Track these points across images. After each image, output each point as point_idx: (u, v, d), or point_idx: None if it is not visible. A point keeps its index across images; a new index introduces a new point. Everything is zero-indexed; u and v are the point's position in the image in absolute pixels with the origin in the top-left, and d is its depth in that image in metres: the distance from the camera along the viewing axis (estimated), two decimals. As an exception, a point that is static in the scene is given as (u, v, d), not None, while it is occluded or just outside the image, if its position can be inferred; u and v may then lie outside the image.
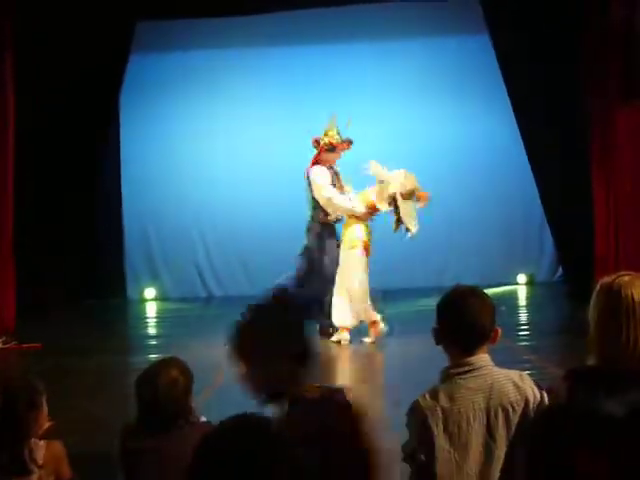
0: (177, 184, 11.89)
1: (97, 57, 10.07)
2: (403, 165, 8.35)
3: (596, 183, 9.61)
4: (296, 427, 2.30)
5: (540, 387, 2.73)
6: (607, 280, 2.60)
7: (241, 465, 1.63)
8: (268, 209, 11.65)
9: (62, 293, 10.88)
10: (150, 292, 12.14)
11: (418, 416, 2.67)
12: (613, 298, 2.53)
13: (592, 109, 9.54)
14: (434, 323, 2.82)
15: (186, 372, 3.13)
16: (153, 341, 9.22)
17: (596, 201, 9.59)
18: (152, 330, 10.33)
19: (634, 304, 2.52)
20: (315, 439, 2.24)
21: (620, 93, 9.12)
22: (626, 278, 2.58)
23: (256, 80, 11.88)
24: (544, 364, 6.84)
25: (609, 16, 9.09)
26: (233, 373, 2.61)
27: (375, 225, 8.47)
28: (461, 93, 11.63)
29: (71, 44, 9.86)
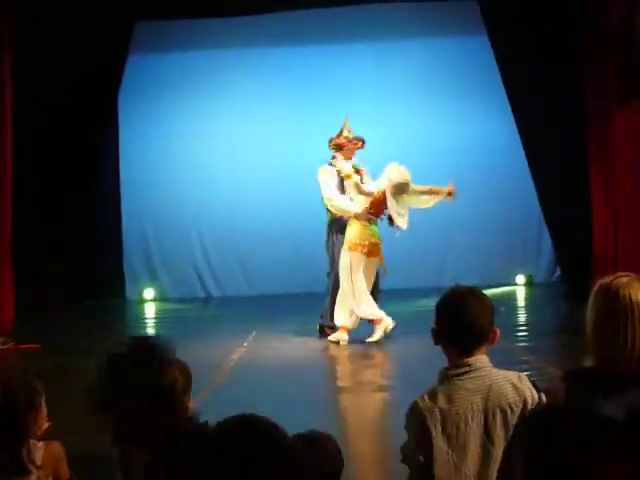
0: (176, 184, 11.89)
1: (96, 57, 10.08)
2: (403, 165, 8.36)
3: (594, 183, 9.61)
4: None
5: (538, 388, 2.73)
6: (605, 281, 2.59)
7: (241, 465, 1.63)
8: (267, 210, 11.66)
9: (62, 293, 10.88)
10: (149, 293, 12.15)
11: (417, 417, 2.67)
12: (611, 299, 2.53)
13: (591, 109, 9.54)
14: (433, 323, 2.82)
15: (185, 372, 3.12)
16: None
17: (595, 201, 9.59)
18: (151, 330, 10.31)
19: (632, 305, 2.52)
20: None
21: (619, 93, 9.12)
22: (624, 279, 2.57)
23: (255, 80, 11.88)
24: (542, 365, 6.84)
25: (609, 16, 9.09)
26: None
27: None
28: (461, 93, 11.64)
29: (70, 44, 9.86)
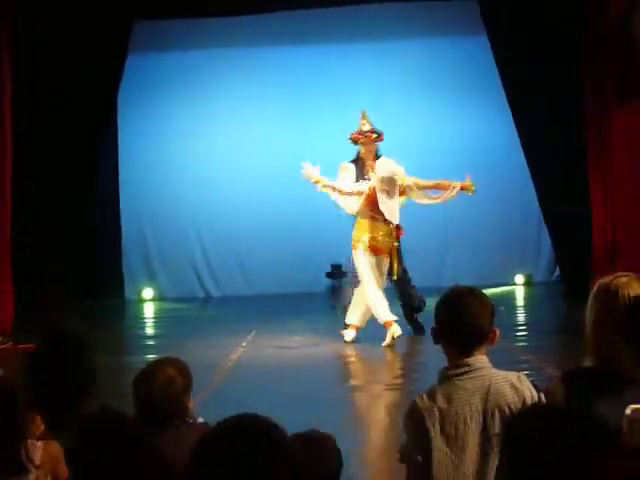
0: (175, 184, 11.88)
1: (95, 57, 10.06)
2: (402, 165, 8.36)
3: (593, 183, 9.61)
4: None
5: (538, 388, 2.73)
6: (604, 281, 2.60)
7: (240, 465, 1.63)
8: (266, 210, 11.65)
9: (62, 293, 10.86)
10: (148, 292, 12.14)
11: (415, 417, 2.67)
12: (610, 299, 2.53)
13: (590, 109, 9.54)
14: (433, 323, 2.82)
15: (184, 372, 3.12)
16: (151, 341, 9.22)
17: (593, 201, 9.60)
18: (150, 330, 10.32)
19: (631, 305, 2.52)
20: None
21: (618, 93, 9.12)
22: (624, 279, 2.58)
23: (255, 80, 11.87)
24: (542, 364, 6.84)
25: (609, 16, 9.08)
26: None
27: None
28: (460, 93, 11.63)
29: (69, 44, 9.85)
